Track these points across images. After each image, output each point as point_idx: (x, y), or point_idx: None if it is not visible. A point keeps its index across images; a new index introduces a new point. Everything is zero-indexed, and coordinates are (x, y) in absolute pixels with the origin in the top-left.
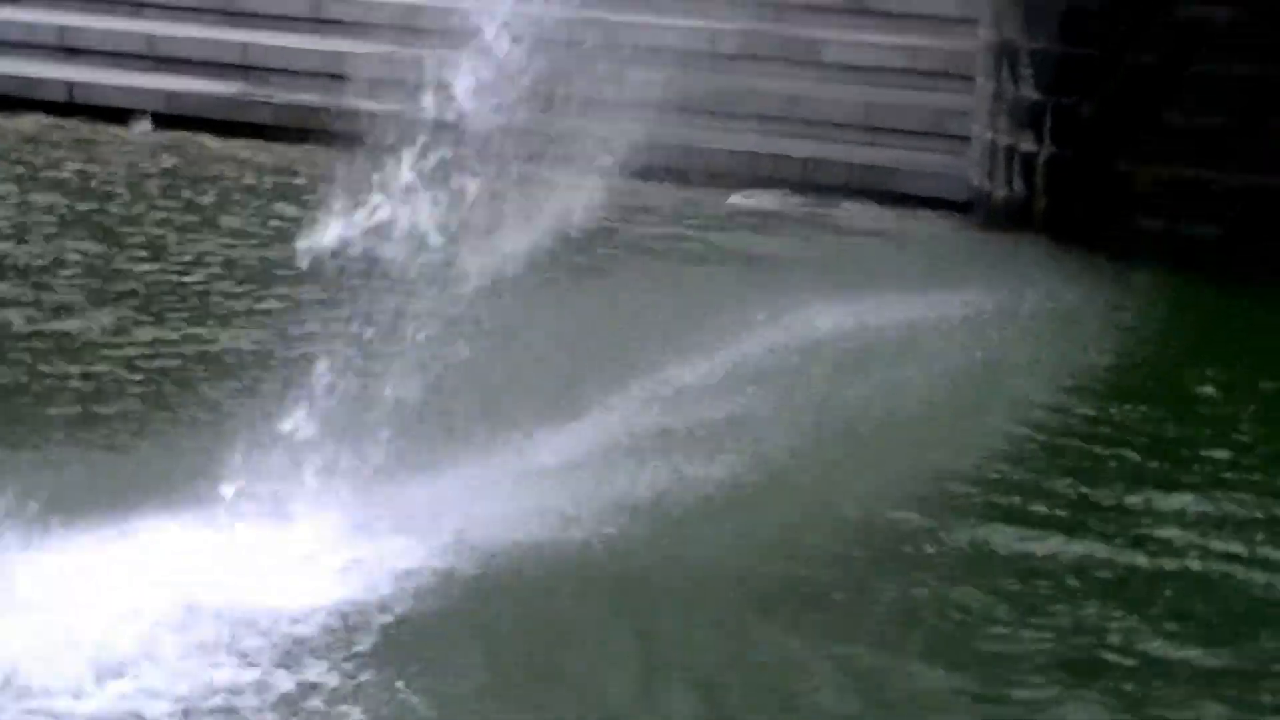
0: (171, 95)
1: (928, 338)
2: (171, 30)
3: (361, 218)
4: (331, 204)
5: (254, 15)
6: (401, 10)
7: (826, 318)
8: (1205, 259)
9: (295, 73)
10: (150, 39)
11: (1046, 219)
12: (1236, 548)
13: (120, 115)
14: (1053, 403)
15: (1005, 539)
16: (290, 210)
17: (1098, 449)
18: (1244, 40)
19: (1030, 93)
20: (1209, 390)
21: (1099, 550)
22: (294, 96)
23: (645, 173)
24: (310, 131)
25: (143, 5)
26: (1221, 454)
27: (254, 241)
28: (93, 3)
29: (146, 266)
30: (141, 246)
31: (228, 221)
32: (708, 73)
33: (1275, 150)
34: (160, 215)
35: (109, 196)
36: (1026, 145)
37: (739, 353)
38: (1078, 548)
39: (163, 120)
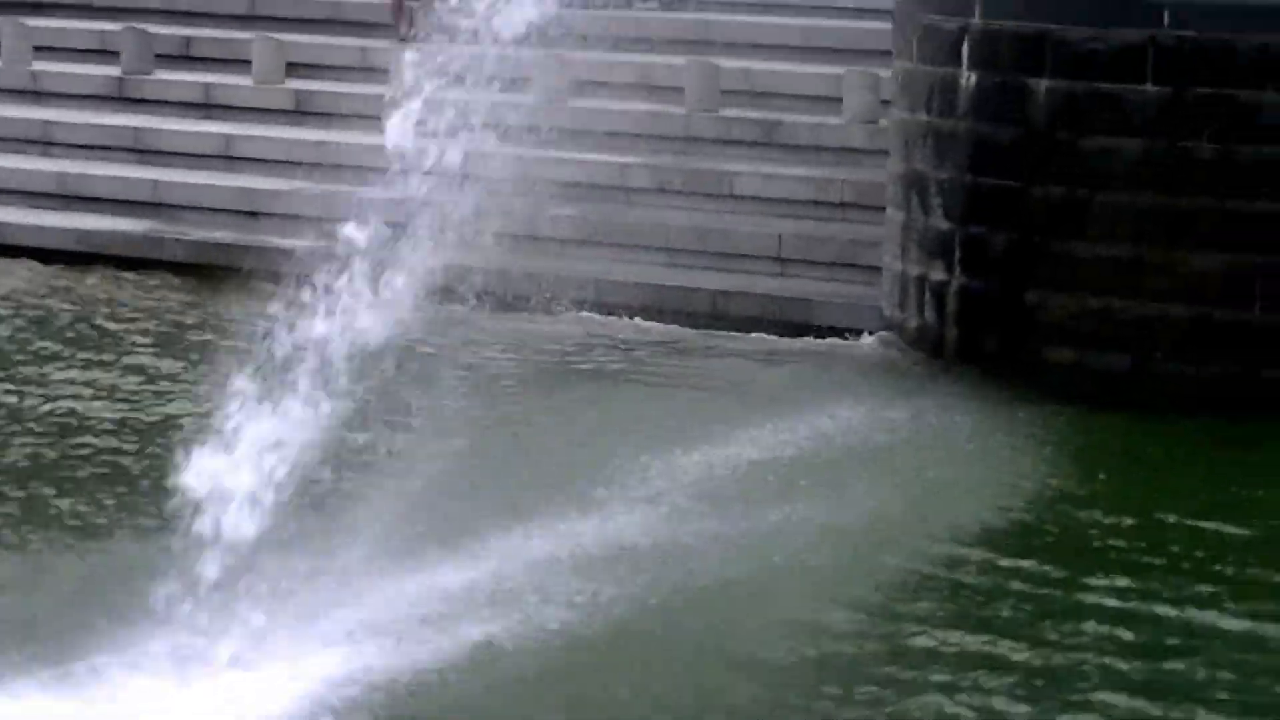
0: (82, 234)
1: (835, 470)
2: (82, 169)
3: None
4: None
5: (164, 153)
6: (311, 147)
7: (731, 450)
8: (1115, 389)
9: (206, 210)
10: (61, 177)
11: (958, 349)
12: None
13: (32, 253)
14: (949, 539)
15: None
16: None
17: (993, 588)
18: (1150, 171)
19: (940, 223)
20: (1110, 521)
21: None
22: (205, 234)
23: (556, 305)
24: (221, 268)
25: (53, 144)
26: (1122, 583)
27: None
28: (3, 141)
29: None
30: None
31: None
32: (618, 206)
33: (1183, 280)
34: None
35: None
36: (937, 275)
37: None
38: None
39: (72, 258)
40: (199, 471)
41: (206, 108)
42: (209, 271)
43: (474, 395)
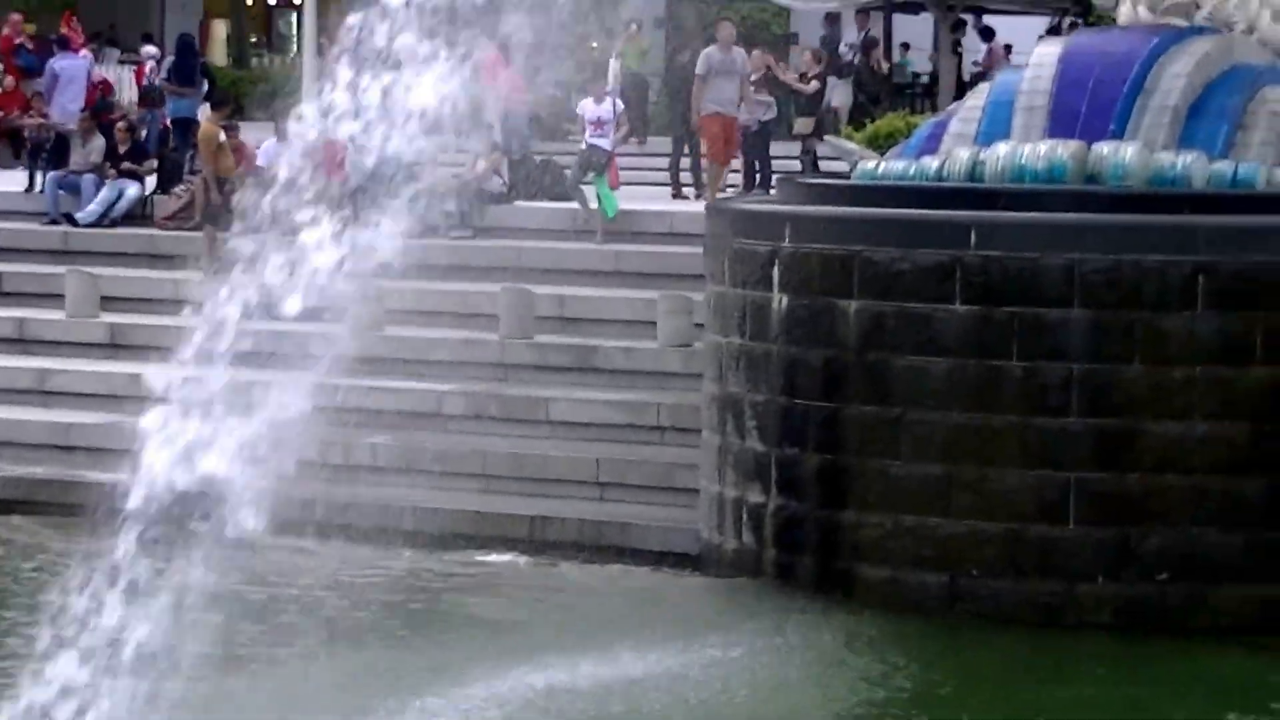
0: None
1: (654, 695)
2: None
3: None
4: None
5: None
6: (126, 380)
7: (556, 678)
8: (931, 607)
9: (21, 445)
10: None
11: (776, 570)
12: None
13: None
14: None
15: None
16: None
17: None
18: (960, 389)
19: (755, 445)
20: None
21: None
22: (21, 470)
23: (373, 535)
24: (38, 504)
25: None
26: None
27: None
28: None
29: None
30: None
31: None
32: (435, 433)
33: (995, 497)
34: None
35: None
36: (754, 497)
37: None
38: None
39: None
40: None
41: (21, 342)
42: (26, 507)
43: (272, 633)
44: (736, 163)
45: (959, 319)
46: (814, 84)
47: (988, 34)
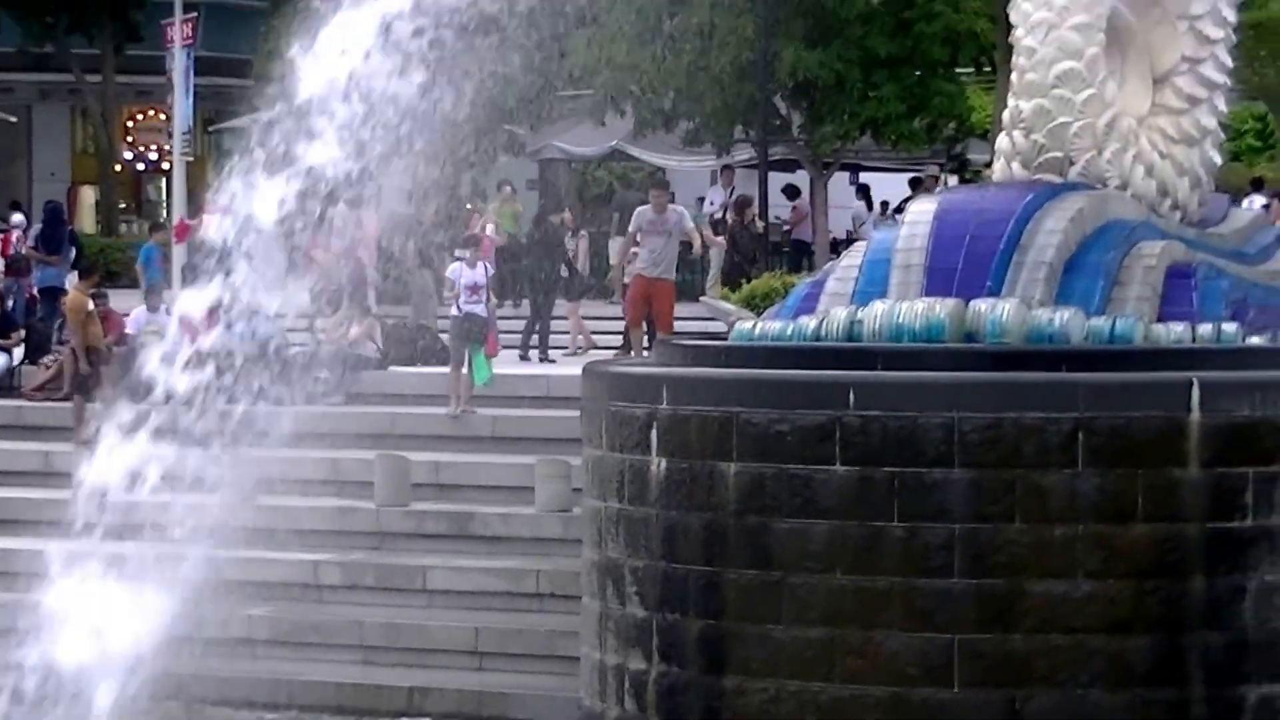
0: None
1: None
2: None
3: None
4: None
5: None
6: None
7: None
8: None
9: None
10: None
11: None
12: None
13: None
14: None
15: None
16: None
17: None
18: (841, 552)
19: (636, 611)
20: None
21: None
22: None
23: (251, 710)
24: None
25: None
26: None
27: None
28: None
29: None
30: None
31: None
32: (311, 604)
33: (879, 660)
34: None
35: None
36: (636, 664)
37: None
38: None
39: None
40: None
41: None
42: None
43: None
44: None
45: (839, 480)
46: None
47: (862, 190)
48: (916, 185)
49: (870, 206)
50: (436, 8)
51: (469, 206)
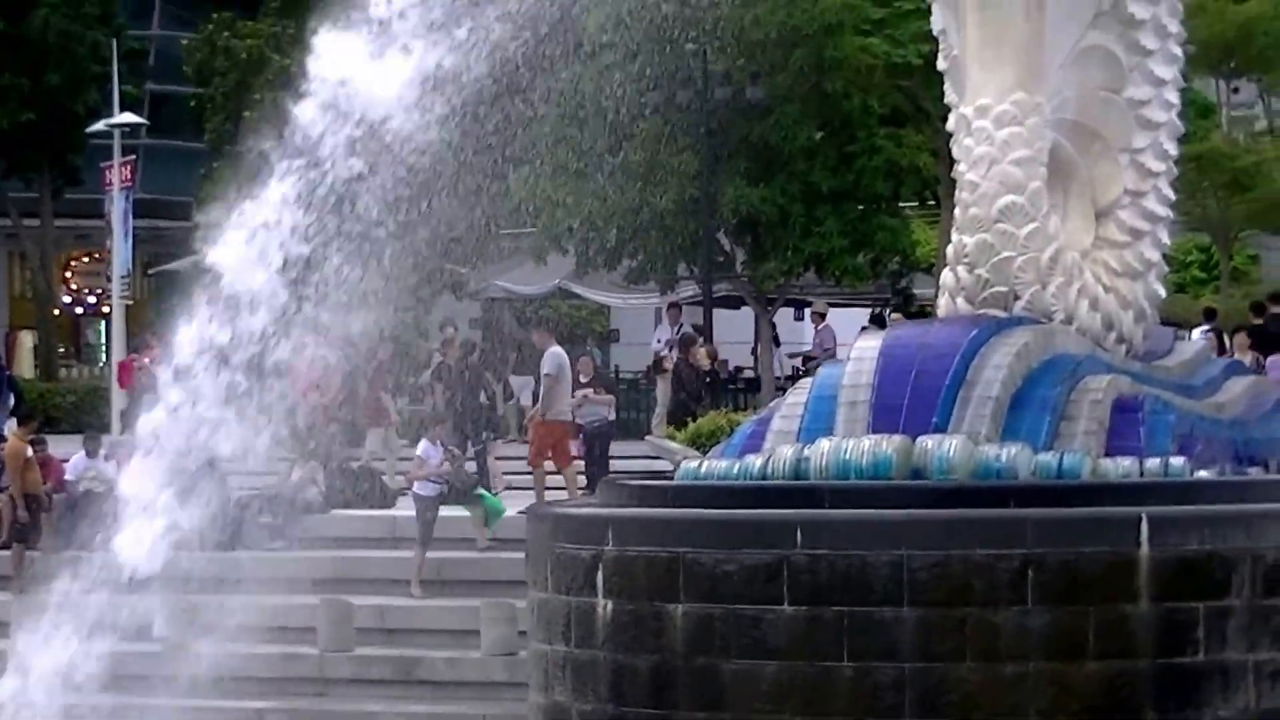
0: None
1: None
2: None
3: None
4: None
5: None
6: None
7: None
8: None
9: None
10: None
11: None
12: None
13: None
14: None
15: None
16: None
17: None
18: (790, 692)
19: None
20: None
21: None
22: None
23: None
24: None
25: None
26: None
27: None
28: None
29: None
30: None
31: None
32: None
33: None
34: None
35: None
36: None
37: None
38: None
39: None
40: None
41: None
42: None
43: None
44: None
45: (788, 620)
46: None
47: (880, 321)
48: (880, 322)
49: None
50: (378, 149)
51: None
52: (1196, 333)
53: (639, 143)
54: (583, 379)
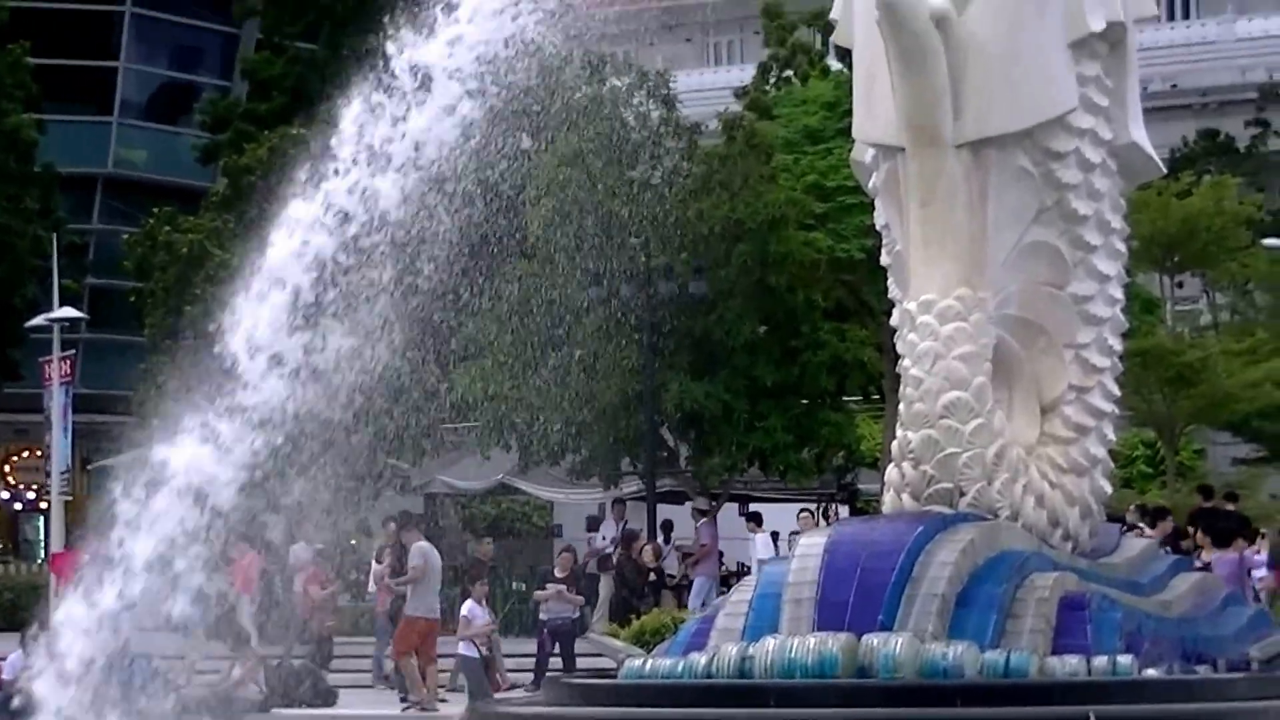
0: None
1: None
2: None
3: None
4: None
5: None
6: None
7: None
8: None
9: None
10: None
11: None
12: None
13: None
14: None
15: None
16: None
17: None
18: None
19: None
20: None
21: None
22: None
23: None
24: None
25: None
26: None
27: None
28: None
29: None
30: None
31: None
32: None
33: None
34: None
35: None
36: None
37: None
38: None
39: None
40: None
41: None
42: None
43: None
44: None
45: None
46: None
47: (755, 518)
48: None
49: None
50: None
51: (353, 542)
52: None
53: (582, 337)
54: (558, 574)
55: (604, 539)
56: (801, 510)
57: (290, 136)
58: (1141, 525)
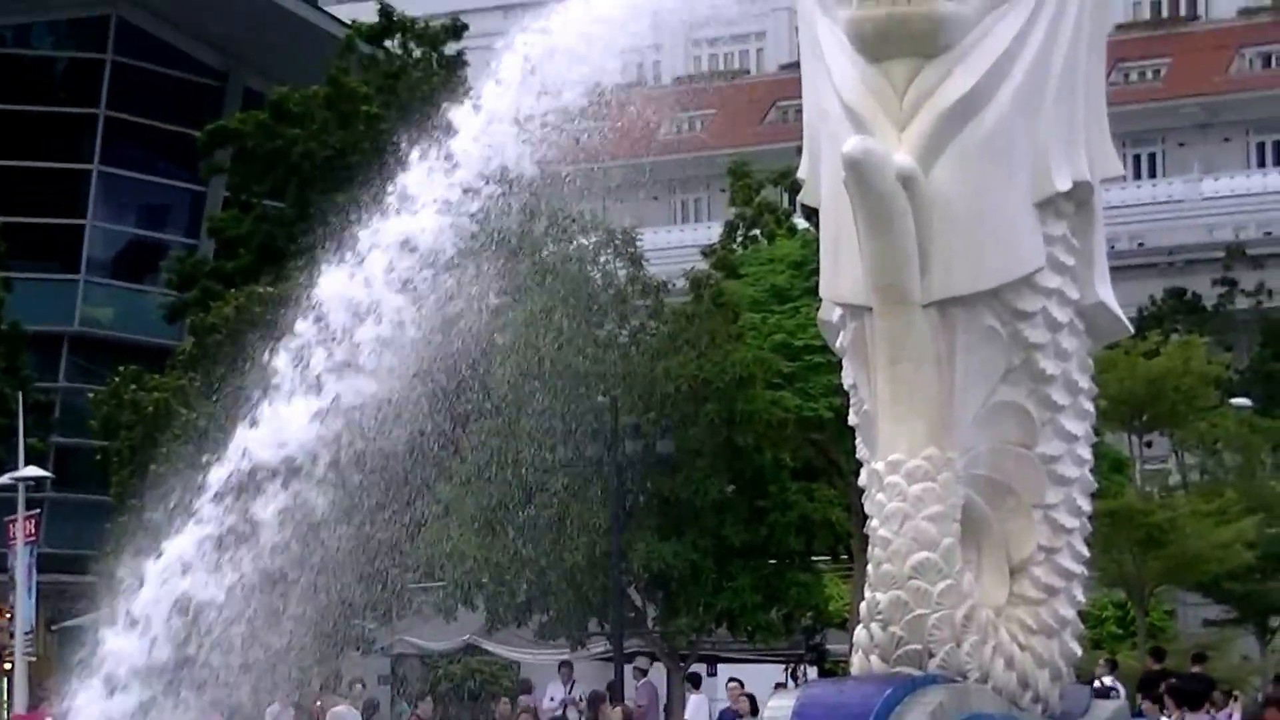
0: None
1: None
2: None
3: None
4: None
5: None
6: None
7: None
8: None
9: None
10: None
11: None
12: None
13: None
14: None
15: None
16: None
17: None
18: None
19: None
20: None
21: None
22: None
23: None
24: None
25: None
26: None
27: None
28: None
29: None
30: None
31: None
32: None
33: None
34: None
35: None
36: None
37: None
38: None
39: None
40: None
41: None
42: None
43: None
44: None
45: None
46: None
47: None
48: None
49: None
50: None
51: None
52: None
53: (548, 497)
54: None
55: (552, 700)
56: (730, 680)
57: (257, 295)
58: (1104, 680)
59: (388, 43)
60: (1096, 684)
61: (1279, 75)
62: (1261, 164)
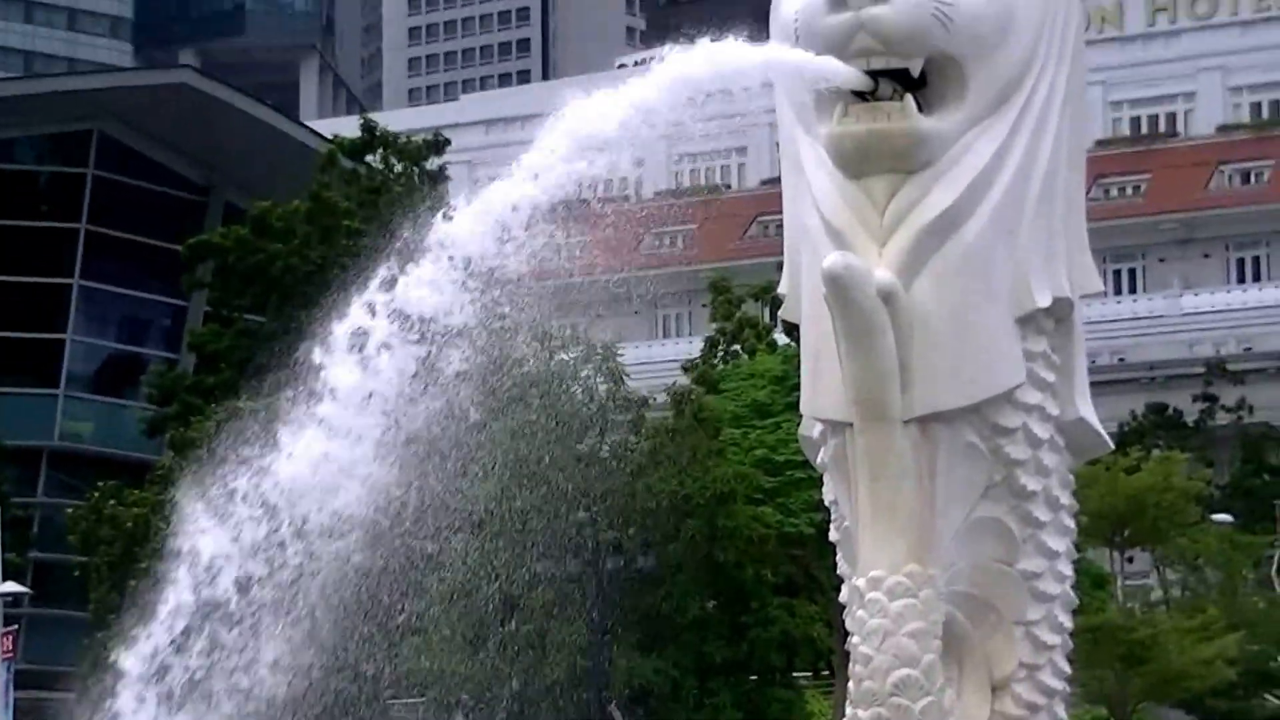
0: None
1: None
2: None
3: None
4: None
5: None
6: None
7: None
8: None
9: None
10: None
11: None
12: None
13: None
14: None
15: None
16: None
17: None
18: None
19: None
20: None
21: None
22: None
23: None
24: None
25: None
26: None
27: None
28: None
29: None
30: None
31: None
32: None
33: None
34: None
35: None
36: None
37: None
38: None
39: None
40: None
41: None
42: None
43: None
44: None
45: None
46: None
47: None
48: None
49: None
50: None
51: None
52: None
53: (529, 613)
54: None
55: None
56: None
57: (238, 410)
58: None
59: (369, 157)
60: None
61: (1258, 191)
62: (1241, 279)
